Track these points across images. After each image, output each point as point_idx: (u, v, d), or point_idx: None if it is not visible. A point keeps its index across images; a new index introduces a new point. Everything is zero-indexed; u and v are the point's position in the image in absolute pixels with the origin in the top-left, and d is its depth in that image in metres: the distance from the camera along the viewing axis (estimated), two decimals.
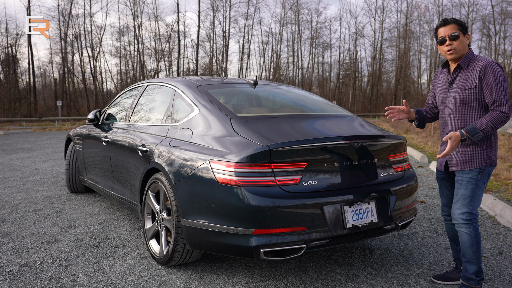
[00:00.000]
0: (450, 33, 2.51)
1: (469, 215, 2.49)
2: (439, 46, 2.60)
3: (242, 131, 2.67)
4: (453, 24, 2.52)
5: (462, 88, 2.52)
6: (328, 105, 3.70)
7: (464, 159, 2.53)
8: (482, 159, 2.50)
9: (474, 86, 2.46)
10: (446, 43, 2.53)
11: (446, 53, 2.56)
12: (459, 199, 2.52)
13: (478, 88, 2.46)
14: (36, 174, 7.07)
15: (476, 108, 2.49)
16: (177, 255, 2.84)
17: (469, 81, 2.49)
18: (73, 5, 37.28)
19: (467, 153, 2.52)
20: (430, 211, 4.59)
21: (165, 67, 40.72)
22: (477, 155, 2.50)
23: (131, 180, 3.59)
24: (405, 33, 42.98)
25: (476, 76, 2.46)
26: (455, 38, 2.51)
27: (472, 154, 2.51)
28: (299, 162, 2.48)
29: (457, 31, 2.51)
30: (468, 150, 2.52)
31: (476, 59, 2.51)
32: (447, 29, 2.52)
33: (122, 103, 4.61)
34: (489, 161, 2.51)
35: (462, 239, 2.53)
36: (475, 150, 2.50)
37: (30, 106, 33.70)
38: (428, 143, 11.71)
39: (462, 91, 2.51)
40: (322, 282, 2.78)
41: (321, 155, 2.56)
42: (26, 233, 3.82)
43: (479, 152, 2.50)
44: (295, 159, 2.48)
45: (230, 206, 2.43)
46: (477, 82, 2.45)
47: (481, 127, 2.39)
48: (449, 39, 2.52)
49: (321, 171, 2.56)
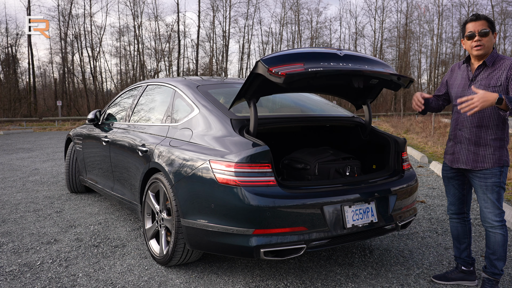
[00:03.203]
0: (481, 29, 2.48)
1: (501, 215, 2.53)
2: (466, 41, 2.56)
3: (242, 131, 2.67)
4: (483, 20, 2.49)
5: (486, 86, 2.50)
6: (328, 105, 3.70)
7: (476, 158, 2.54)
8: (494, 159, 2.50)
9: (500, 84, 2.45)
10: (475, 38, 2.50)
11: (473, 48, 2.52)
12: (490, 205, 2.53)
13: (503, 86, 2.44)
14: (36, 174, 7.07)
15: (495, 107, 2.48)
16: (177, 255, 2.83)
17: (494, 79, 2.47)
18: (73, 5, 37.30)
19: (480, 153, 2.53)
20: (430, 211, 4.59)
21: (165, 67, 40.72)
22: (490, 156, 2.51)
23: (131, 180, 3.59)
24: (405, 33, 42.97)
25: (503, 74, 2.44)
26: (485, 35, 2.48)
27: (485, 154, 2.52)
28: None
29: (487, 28, 2.48)
30: (480, 150, 2.53)
31: (502, 58, 2.50)
32: (478, 25, 2.49)
33: (122, 103, 4.61)
34: (501, 162, 2.51)
35: (496, 240, 2.55)
36: (487, 150, 2.51)
37: (30, 106, 33.70)
38: (428, 143, 11.71)
39: (485, 89, 2.49)
40: (322, 282, 2.78)
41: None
42: (26, 233, 3.82)
43: (491, 152, 2.51)
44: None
45: (230, 206, 2.43)
46: (503, 80, 2.44)
47: None
48: (478, 35, 2.49)
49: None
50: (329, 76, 2.52)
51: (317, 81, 2.66)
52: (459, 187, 2.74)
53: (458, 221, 2.80)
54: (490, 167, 2.51)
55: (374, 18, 47.40)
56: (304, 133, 3.84)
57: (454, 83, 2.71)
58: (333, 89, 3.28)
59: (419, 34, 44.34)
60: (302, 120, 3.19)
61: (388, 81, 2.72)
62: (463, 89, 2.63)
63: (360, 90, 3.13)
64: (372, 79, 2.64)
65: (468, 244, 2.81)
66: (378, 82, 2.71)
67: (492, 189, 2.52)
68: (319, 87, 3.20)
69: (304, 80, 2.50)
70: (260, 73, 2.39)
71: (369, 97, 3.23)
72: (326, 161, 2.94)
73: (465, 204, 2.77)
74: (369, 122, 3.26)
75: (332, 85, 3.13)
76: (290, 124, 3.18)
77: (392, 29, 44.54)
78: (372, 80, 2.65)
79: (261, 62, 2.35)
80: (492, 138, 2.51)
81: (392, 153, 3.04)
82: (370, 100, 3.27)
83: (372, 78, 2.62)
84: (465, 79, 2.63)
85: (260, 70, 2.37)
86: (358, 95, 3.25)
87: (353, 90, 3.16)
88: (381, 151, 3.16)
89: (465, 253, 2.81)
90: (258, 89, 2.59)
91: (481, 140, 2.53)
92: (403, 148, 3.07)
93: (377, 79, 2.65)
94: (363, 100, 3.28)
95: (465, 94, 2.59)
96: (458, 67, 2.73)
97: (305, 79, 2.47)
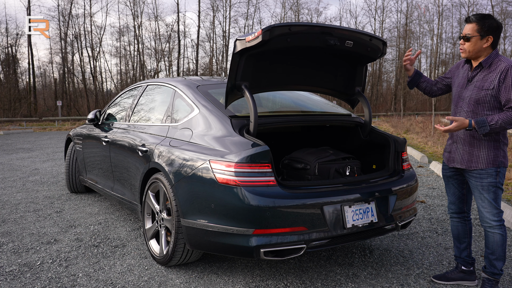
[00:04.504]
0: (465, 33, 2.51)
1: (499, 215, 2.53)
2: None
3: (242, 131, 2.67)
4: (474, 23, 2.48)
5: (479, 88, 2.51)
6: (328, 105, 3.70)
7: (471, 158, 2.55)
8: (489, 160, 2.50)
9: (492, 87, 2.45)
10: (460, 41, 2.55)
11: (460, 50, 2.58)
12: (487, 205, 2.54)
13: (496, 89, 2.44)
14: (36, 174, 7.07)
15: (490, 109, 2.49)
16: (177, 255, 2.83)
17: (488, 81, 2.48)
18: (73, 5, 37.24)
19: (474, 153, 2.54)
20: (430, 211, 4.59)
21: (165, 67, 40.70)
22: (484, 156, 2.51)
23: (131, 180, 3.59)
24: (405, 33, 42.95)
25: (496, 77, 2.44)
26: (467, 40, 2.50)
27: (479, 154, 2.52)
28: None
29: (474, 33, 2.47)
30: (474, 150, 2.53)
31: (499, 60, 2.49)
32: (466, 28, 2.52)
33: (122, 103, 4.62)
34: (496, 162, 2.51)
35: (494, 239, 2.55)
36: (481, 150, 2.52)
37: (30, 106, 33.67)
38: (428, 143, 11.70)
39: (479, 91, 2.50)
40: (322, 282, 2.78)
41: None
42: (26, 233, 3.82)
43: (485, 153, 2.51)
44: None
45: (230, 206, 2.43)
46: (495, 84, 2.44)
47: (491, 122, 2.38)
48: (462, 39, 2.53)
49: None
50: (305, 35, 2.63)
51: (294, 40, 2.62)
52: (458, 186, 2.75)
53: (458, 221, 2.80)
54: (485, 167, 2.51)
55: (374, 18, 47.41)
56: (304, 133, 3.84)
57: (456, 80, 2.72)
58: (320, 79, 3.22)
59: (419, 34, 44.35)
60: (302, 120, 3.19)
61: (362, 44, 2.80)
62: (461, 89, 2.65)
63: (345, 74, 3.16)
64: (347, 41, 2.71)
65: (468, 243, 2.81)
66: (354, 46, 2.75)
67: (488, 189, 2.52)
68: (300, 55, 2.94)
69: (282, 40, 2.54)
70: (240, 50, 2.54)
71: (357, 82, 3.20)
72: (326, 161, 2.94)
73: (465, 204, 2.78)
74: (369, 122, 3.26)
75: (315, 61, 3.05)
76: (290, 124, 3.18)
77: (392, 29, 44.53)
78: (347, 42, 2.71)
79: (237, 39, 2.54)
80: (486, 139, 2.51)
81: (392, 153, 3.04)
82: (359, 86, 3.23)
83: (346, 39, 2.70)
84: (464, 79, 2.64)
85: (239, 46, 2.55)
86: (346, 83, 3.23)
87: (340, 76, 3.19)
88: (381, 151, 3.16)
89: (465, 252, 2.81)
90: (246, 68, 2.66)
91: (475, 140, 2.53)
92: (403, 148, 3.07)
93: (351, 41, 2.72)
94: (352, 90, 3.24)
95: (462, 94, 2.61)
96: (462, 65, 2.74)
97: (282, 37, 2.52)
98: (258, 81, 2.87)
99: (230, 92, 2.72)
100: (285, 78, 3.06)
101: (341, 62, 3.09)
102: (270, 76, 2.96)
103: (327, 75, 3.18)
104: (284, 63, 2.93)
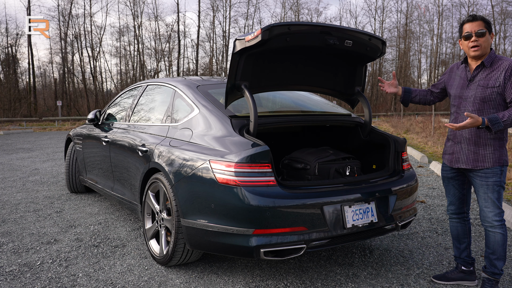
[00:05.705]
0: (477, 30, 2.49)
1: (501, 214, 2.54)
2: (463, 41, 2.58)
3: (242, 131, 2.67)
4: (480, 21, 2.50)
5: (484, 86, 2.51)
6: (328, 105, 3.70)
7: (477, 158, 2.55)
8: (495, 158, 2.51)
9: (498, 85, 2.46)
10: (472, 39, 2.51)
11: (470, 49, 2.54)
12: (490, 204, 2.54)
13: (501, 87, 2.45)
14: (36, 174, 7.07)
15: (495, 107, 2.50)
16: (177, 255, 2.84)
17: (493, 80, 2.48)
18: (73, 5, 37.25)
19: (480, 152, 2.54)
20: (430, 211, 4.59)
21: (165, 67, 40.71)
22: (490, 155, 2.52)
23: (131, 180, 3.59)
24: (405, 33, 42.97)
25: (501, 75, 2.45)
26: (481, 35, 2.49)
27: (485, 153, 2.53)
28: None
29: (484, 29, 2.49)
30: (480, 150, 2.54)
31: (500, 58, 2.51)
32: (474, 25, 2.50)
33: (122, 103, 4.61)
34: (501, 161, 2.53)
35: (495, 239, 2.56)
36: (487, 150, 2.52)
37: (30, 106, 33.68)
38: (428, 143, 11.70)
39: (484, 89, 2.51)
40: (322, 282, 2.78)
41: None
42: (26, 233, 3.82)
43: (491, 152, 2.52)
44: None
45: (230, 206, 2.43)
46: (501, 81, 2.45)
47: (503, 118, 2.38)
48: (475, 35, 2.50)
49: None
50: (304, 34, 2.64)
51: (294, 40, 2.63)
52: (459, 187, 2.75)
53: (458, 221, 2.80)
54: (491, 166, 2.52)
55: (374, 18, 47.41)
56: (304, 133, 3.84)
57: (453, 83, 2.72)
58: (320, 79, 3.21)
59: (419, 34, 44.37)
60: (302, 120, 3.19)
61: (362, 44, 2.81)
62: (461, 89, 2.64)
63: (345, 73, 3.16)
64: (346, 41, 2.72)
65: (468, 244, 2.81)
66: (353, 46, 2.77)
67: (493, 188, 2.52)
68: (299, 55, 2.93)
69: (281, 39, 2.54)
70: (240, 49, 2.54)
71: (356, 82, 3.21)
72: (326, 161, 2.94)
73: (465, 204, 2.78)
74: (369, 122, 3.26)
75: (315, 60, 3.04)
76: (290, 124, 3.18)
77: (392, 29, 44.54)
78: (346, 41, 2.72)
79: (237, 39, 2.55)
80: (492, 138, 2.52)
81: (392, 153, 3.04)
82: (358, 86, 3.23)
83: (345, 39, 2.71)
84: (464, 79, 2.64)
85: (238, 46, 2.55)
86: (346, 82, 3.22)
87: (340, 75, 3.18)
88: (381, 151, 3.16)
89: (465, 253, 2.81)
90: (245, 68, 2.66)
91: (480, 140, 2.54)
92: (403, 148, 3.07)
93: (351, 41, 2.73)
94: (352, 90, 3.24)
95: (464, 94, 2.61)
96: (456, 68, 2.75)
97: (282, 37, 2.52)
98: (258, 81, 2.87)
99: (230, 92, 2.72)
100: (285, 78, 3.06)
101: (340, 62, 3.09)
102: (270, 76, 2.96)
103: (327, 75, 3.19)
104: (283, 63, 2.93)
